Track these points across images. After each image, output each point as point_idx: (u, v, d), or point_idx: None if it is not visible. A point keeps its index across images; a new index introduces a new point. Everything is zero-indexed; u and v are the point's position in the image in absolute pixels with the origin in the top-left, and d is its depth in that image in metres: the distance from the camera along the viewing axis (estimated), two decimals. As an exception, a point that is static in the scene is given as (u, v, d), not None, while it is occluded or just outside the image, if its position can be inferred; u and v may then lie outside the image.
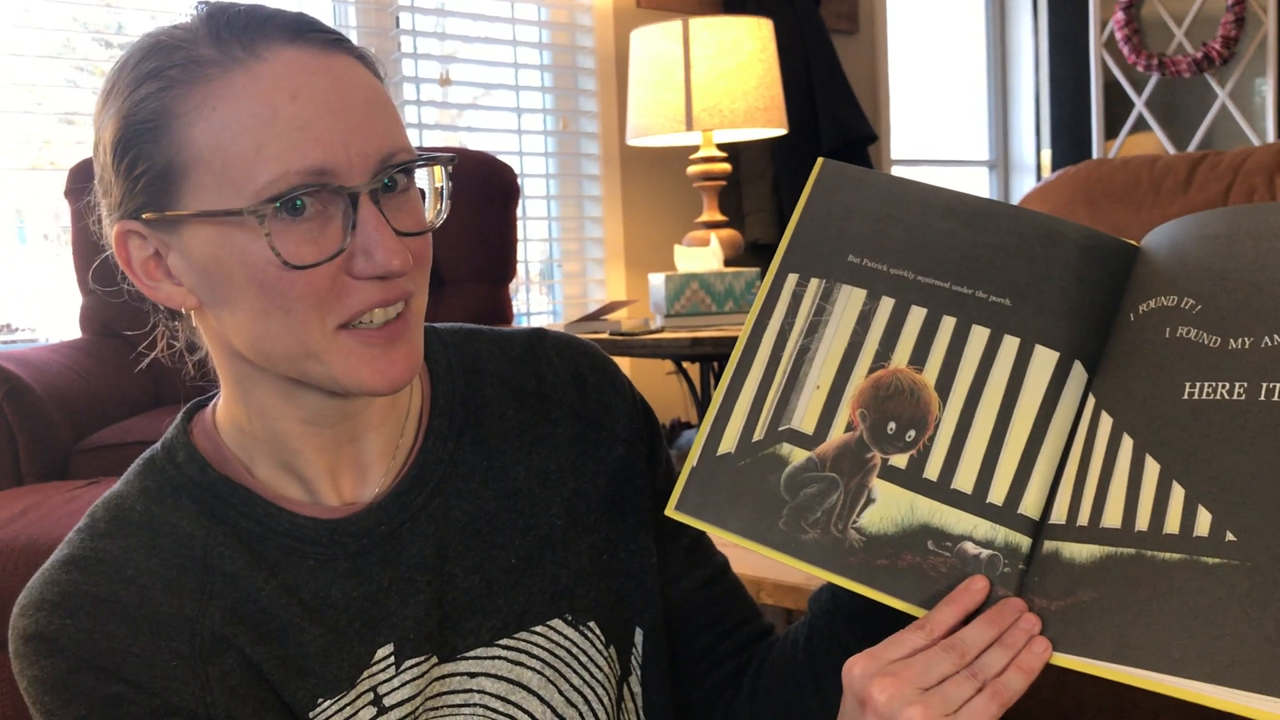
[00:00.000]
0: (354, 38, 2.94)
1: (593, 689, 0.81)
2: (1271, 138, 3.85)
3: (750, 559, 1.03)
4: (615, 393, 0.87)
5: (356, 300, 0.68)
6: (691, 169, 2.86)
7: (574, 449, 0.84)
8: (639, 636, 0.84)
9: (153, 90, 0.68)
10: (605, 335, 2.59)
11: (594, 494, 0.84)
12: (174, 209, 0.68)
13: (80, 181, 2.42)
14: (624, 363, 3.33)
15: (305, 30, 0.69)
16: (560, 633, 0.80)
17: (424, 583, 0.76)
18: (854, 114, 3.31)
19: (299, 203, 0.66)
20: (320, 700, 0.73)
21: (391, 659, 0.75)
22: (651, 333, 2.58)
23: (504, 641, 0.78)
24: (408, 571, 0.76)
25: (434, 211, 0.75)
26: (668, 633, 0.88)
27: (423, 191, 0.75)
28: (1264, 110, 3.93)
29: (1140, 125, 4.13)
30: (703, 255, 2.72)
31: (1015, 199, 4.59)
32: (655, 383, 3.37)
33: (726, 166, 2.87)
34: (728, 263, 2.81)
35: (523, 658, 0.78)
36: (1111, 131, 4.20)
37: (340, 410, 0.75)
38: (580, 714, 0.80)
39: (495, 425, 0.82)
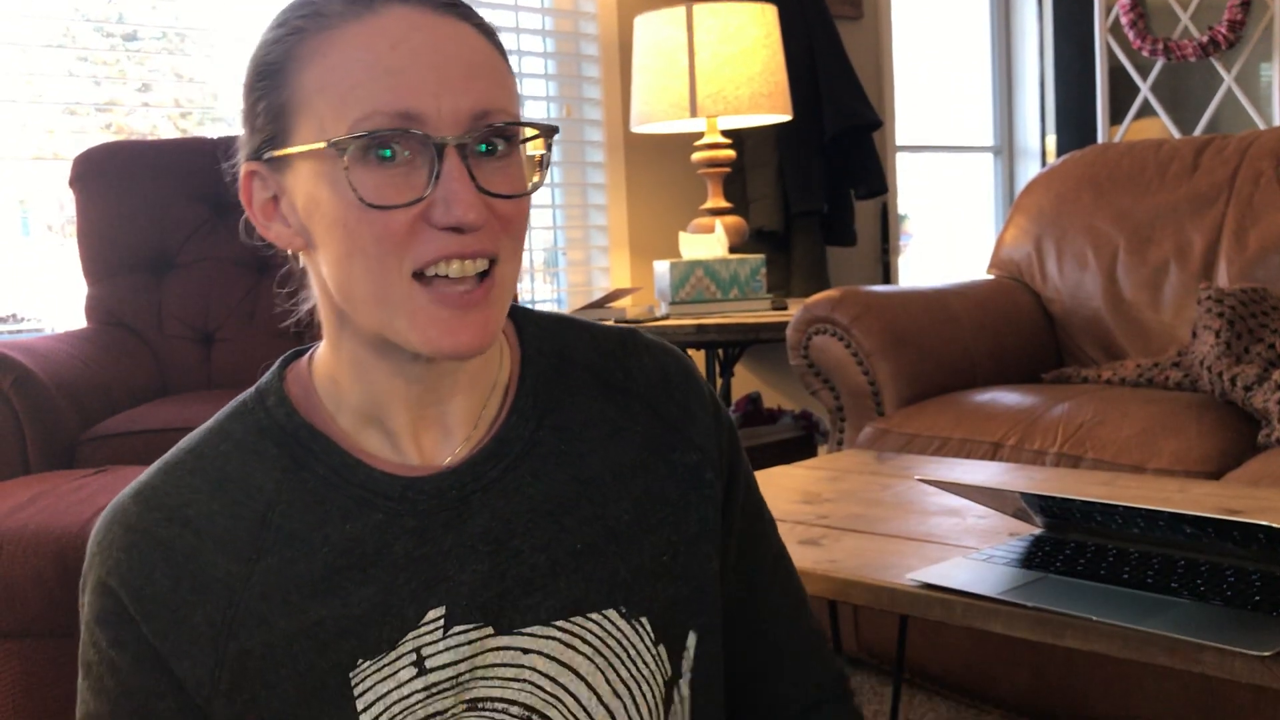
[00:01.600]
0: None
1: (639, 684, 0.82)
2: (1278, 121, 3.83)
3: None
4: (698, 401, 0.88)
5: (431, 247, 0.70)
6: (696, 155, 2.86)
7: (649, 447, 0.85)
8: (692, 639, 0.84)
9: (279, 36, 0.74)
10: (610, 323, 2.58)
11: (662, 495, 0.85)
12: (284, 149, 0.73)
13: (85, 170, 2.42)
14: (629, 350, 3.33)
15: None
16: (614, 623, 0.81)
17: (486, 553, 0.78)
18: (858, 100, 3.30)
19: (388, 151, 0.69)
20: (360, 661, 0.75)
21: (441, 622, 0.76)
22: (656, 320, 2.58)
23: (559, 623, 0.79)
24: (470, 539, 0.78)
25: (530, 181, 0.75)
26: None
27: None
28: (1270, 94, 3.91)
29: (1145, 110, 4.11)
30: (707, 242, 2.72)
31: (1020, 185, 4.58)
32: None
33: (731, 153, 2.86)
34: (732, 249, 2.80)
35: (575, 642, 0.79)
36: (1116, 117, 4.18)
37: (426, 368, 0.76)
38: (624, 706, 0.81)
39: (577, 413, 0.84)
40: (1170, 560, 1.04)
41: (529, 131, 0.75)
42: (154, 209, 2.43)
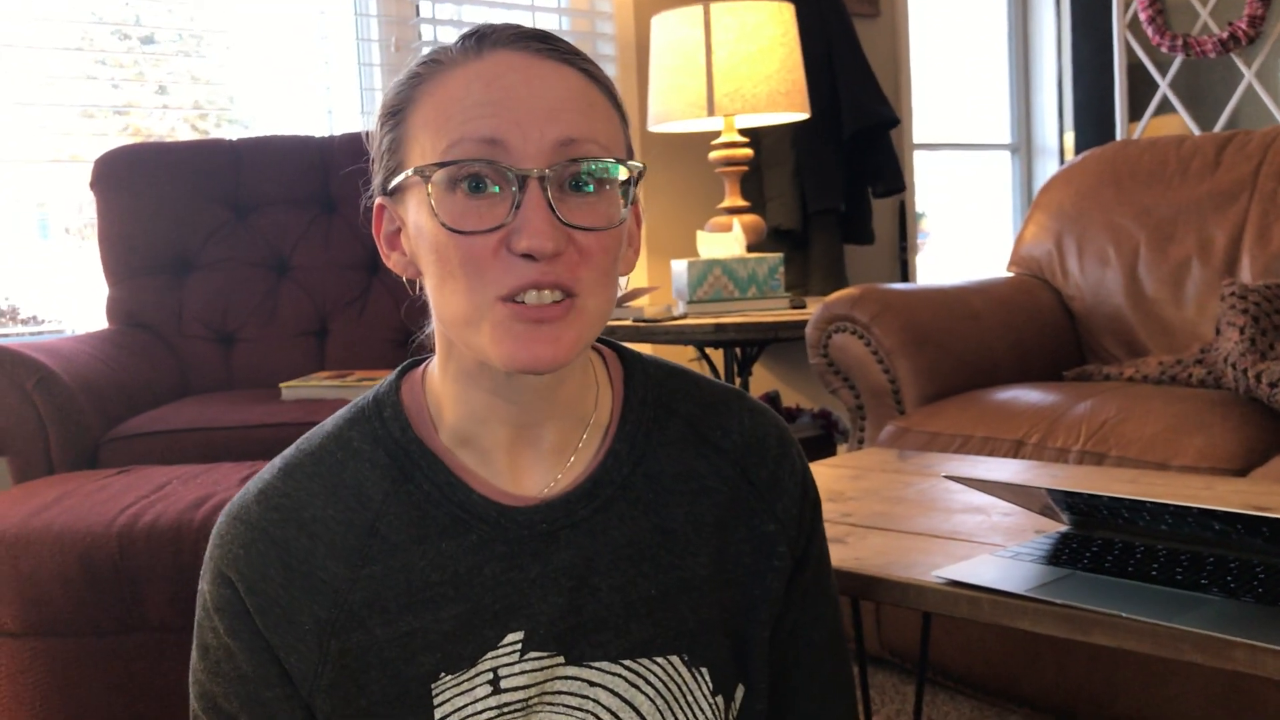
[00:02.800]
0: (373, 26, 2.94)
1: None
2: (1298, 118, 3.81)
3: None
4: (789, 473, 0.91)
5: (512, 276, 0.74)
6: (713, 154, 2.85)
7: (732, 508, 0.88)
8: (740, 691, 0.88)
9: (403, 81, 0.81)
10: (628, 322, 2.59)
11: (737, 557, 0.88)
12: (396, 180, 0.79)
13: (106, 171, 2.43)
14: (645, 349, 3.33)
15: (530, 39, 0.78)
16: (676, 669, 0.85)
17: (567, 586, 0.82)
18: (875, 98, 3.29)
19: (479, 184, 0.74)
20: (443, 674, 0.80)
21: (519, 646, 0.81)
22: (674, 319, 2.58)
23: (626, 662, 0.83)
24: (554, 571, 0.81)
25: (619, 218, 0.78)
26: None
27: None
28: (1290, 90, 3.88)
29: (1164, 107, 4.09)
30: (725, 241, 2.71)
31: (1037, 182, 4.56)
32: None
33: (748, 151, 2.85)
34: (750, 248, 2.80)
35: (639, 681, 0.83)
36: (1135, 114, 4.16)
37: (519, 390, 0.80)
38: None
39: (669, 464, 0.87)
40: (1199, 557, 1.03)
41: (622, 172, 0.77)
42: (174, 210, 2.44)
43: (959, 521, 1.27)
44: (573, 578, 0.82)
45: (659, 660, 0.84)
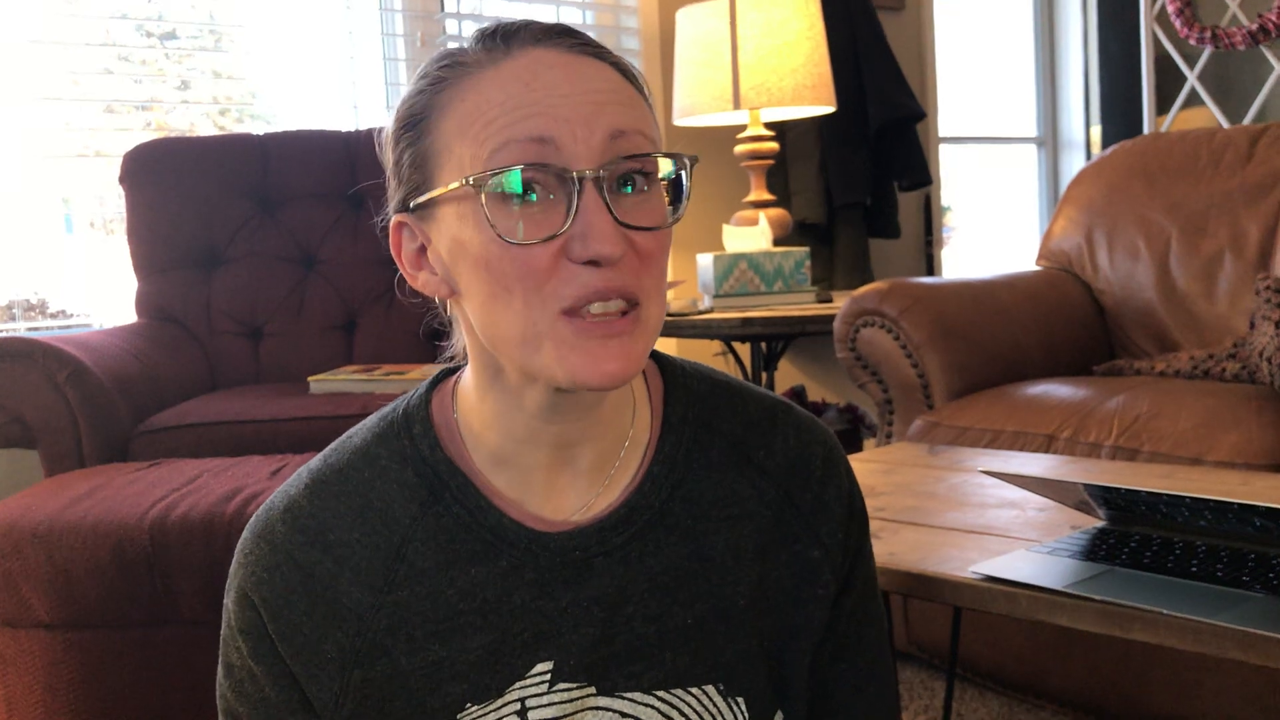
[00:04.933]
0: (398, 21, 2.94)
1: None
2: (1329, 110, 3.76)
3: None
4: (836, 495, 0.87)
5: (574, 287, 0.70)
6: (739, 148, 2.84)
7: (774, 533, 0.84)
8: (778, 717, 0.85)
9: (421, 88, 0.75)
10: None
11: (778, 583, 0.84)
12: (428, 194, 0.74)
13: (134, 166, 2.44)
14: (671, 344, 3.32)
15: (556, 34, 0.74)
16: (711, 700, 0.82)
17: (599, 616, 0.79)
18: (901, 91, 3.27)
19: (531, 192, 0.69)
20: (469, 705, 0.77)
21: (548, 676, 0.78)
22: (700, 313, 2.57)
23: (660, 693, 0.80)
24: (587, 601, 0.78)
25: (669, 212, 0.75)
26: None
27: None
28: (1321, 82, 3.84)
29: (1193, 100, 4.05)
30: (751, 235, 2.70)
31: (1065, 177, 4.53)
32: (704, 363, 3.36)
33: (774, 145, 2.84)
34: (777, 242, 2.79)
35: (673, 713, 0.80)
36: (1163, 107, 4.12)
37: (564, 412, 0.76)
38: None
39: (710, 488, 0.83)
40: (1239, 553, 1.02)
41: (666, 165, 0.74)
42: (202, 205, 2.45)
43: (993, 516, 1.26)
44: (605, 607, 0.78)
45: (693, 691, 0.81)
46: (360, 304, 2.47)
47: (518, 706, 0.78)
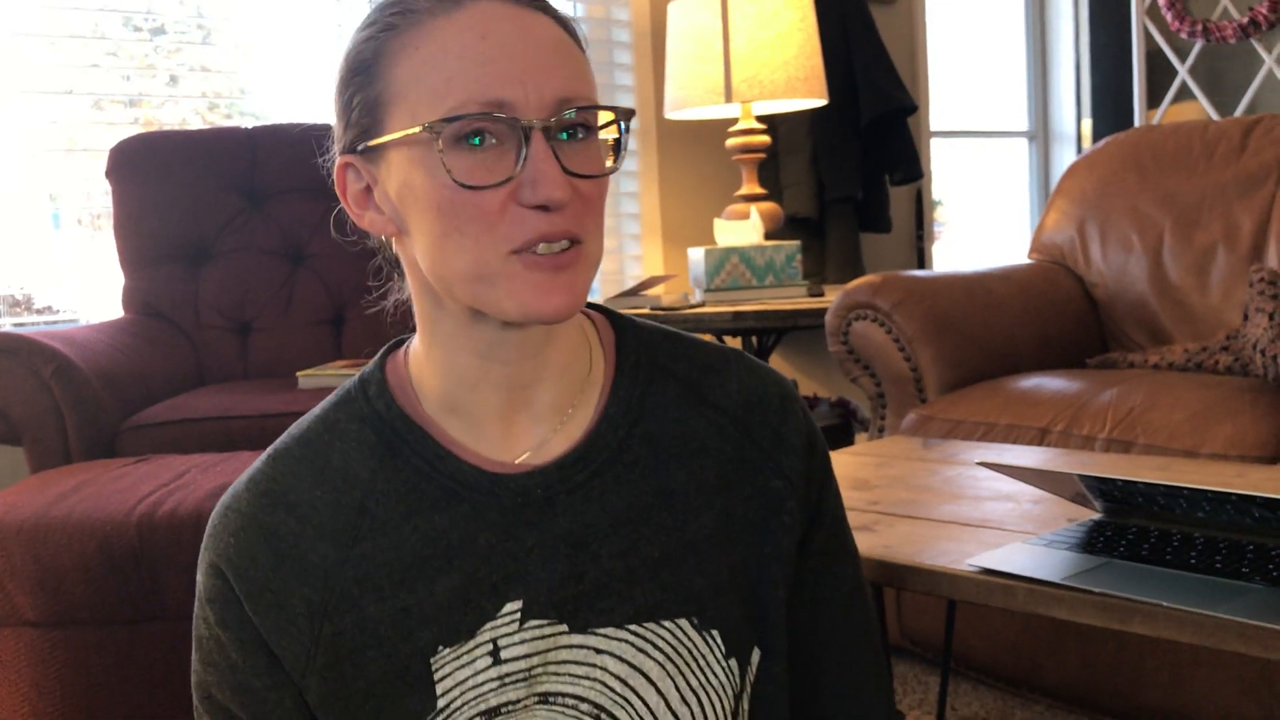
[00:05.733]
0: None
1: (708, 693, 0.83)
2: (1319, 103, 3.77)
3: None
4: (794, 430, 0.88)
5: (524, 229, 0.74)
6: (730, 141, 2.83)
7: (735, 466, 0.86)
8: (756, 655, 0.86)
9: (372, 34, 0.77)
10: (645, 310, 2.57)
11: (743, 516, 0.86)
12: (379, 138, 0.76)
13: (122, 161, 2.42)
14: (663, 339, 3.31)
15: None
16: (685, 633, 0.83)
17: (566, 554, 0.80)
18: (893, 84, 3.26)
19: (478, 138, 0.73)
20: (441, 648, 0.79)
21: (517, 615, 0.79)
22: (692, 307, 2.56)
23: (632, 627, 0.81)
24: (552, 539, 0.80)
25: (608, 162, 0.79)
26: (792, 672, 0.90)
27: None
28: (1311, 76, 3.84)
29: (1183, 94, 4.05)
30: (742, 229, 2.69)
31: (1055, 170, 4.53)
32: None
33: (766, 139, 2.83)
34: (768, 236, 2.78)
35: (647, 647, 0.82)
36: (1154, 100, 4.12)
37: (517, 348, 0.79)
38: (691, 713, 0.82)
39: (667, 426, 0.85)
40: (1238, 545, 1.01)
41: (605, 116, 0.78)
42: (190, 200, 2.44)
43: (989, 509, 1.26)
44: (571, 544, 0.80)
45: (666, 624, 0.82)
46: (348, 298, 2.45)
47: (490, 647, 0.79)
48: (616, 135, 0.79)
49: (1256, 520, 1.01)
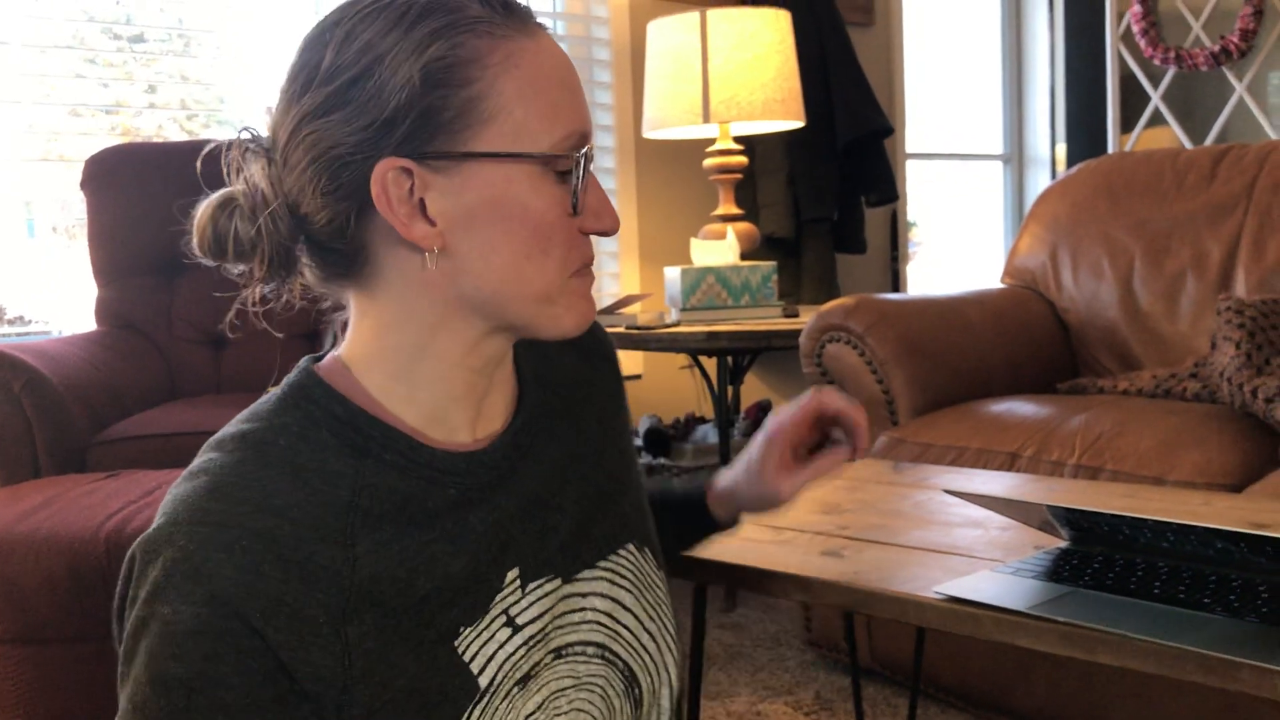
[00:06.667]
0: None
1: (662, 606, 0.92)
2: (1289, 132, 3.82)
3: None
4: (611, 341, 1.02)
5: (583, 252, 0.81)
6: (708, 162, 2.84)
7: (610, 392, 0.97)
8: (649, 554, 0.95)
9: (458, 40, 0.74)
10: (621, 329, 2.57)
11: (624, 431, 0.97)
12: (469, 148, 0.74)
13: (97, 171, 2.41)
14: (639, 356, 3.31)
15: (539, 22, 0.80)
16: (634, 555, 0.91)
17: (539, 514, 0.84)
18: (870, 107, 3.29)
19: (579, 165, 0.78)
20: (462, 629, 0.77)
21: (518, 581, 0.82)
22: (667, 326, 2.56)
23: (601, 564, 0.88)
24: (526, 503, 0.84)
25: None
26: None
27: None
28: (1281, 104, 3.90)
29: (1156, 119, 4.10)
30: (719, 249, 2.70)
31: (1030, 194, 4.57)
32: (670, 377, 3.36)
33: (743, 159, 2.85)
34: (744, 256, 2.79)
35: (615, 578, 0.88)
36: (1127, 125, 4.17)
37: (498, 359, 0.83)
38: (659, 629, 0.90)
39: (562, 375, 0.94)
40: (1201, 575, 1.02)
41: None
42: (165, 211, 2.42)
43: (957, 536, 1.26)
44: (538, 503, 0.85)
45: (621, 553, 0.90)
46: (323, 312, 2.44)
47: (504, 619, 0.80)
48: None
49: (1219, 551, 1.02)
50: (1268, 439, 1.79)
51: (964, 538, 1.25)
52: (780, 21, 2.75)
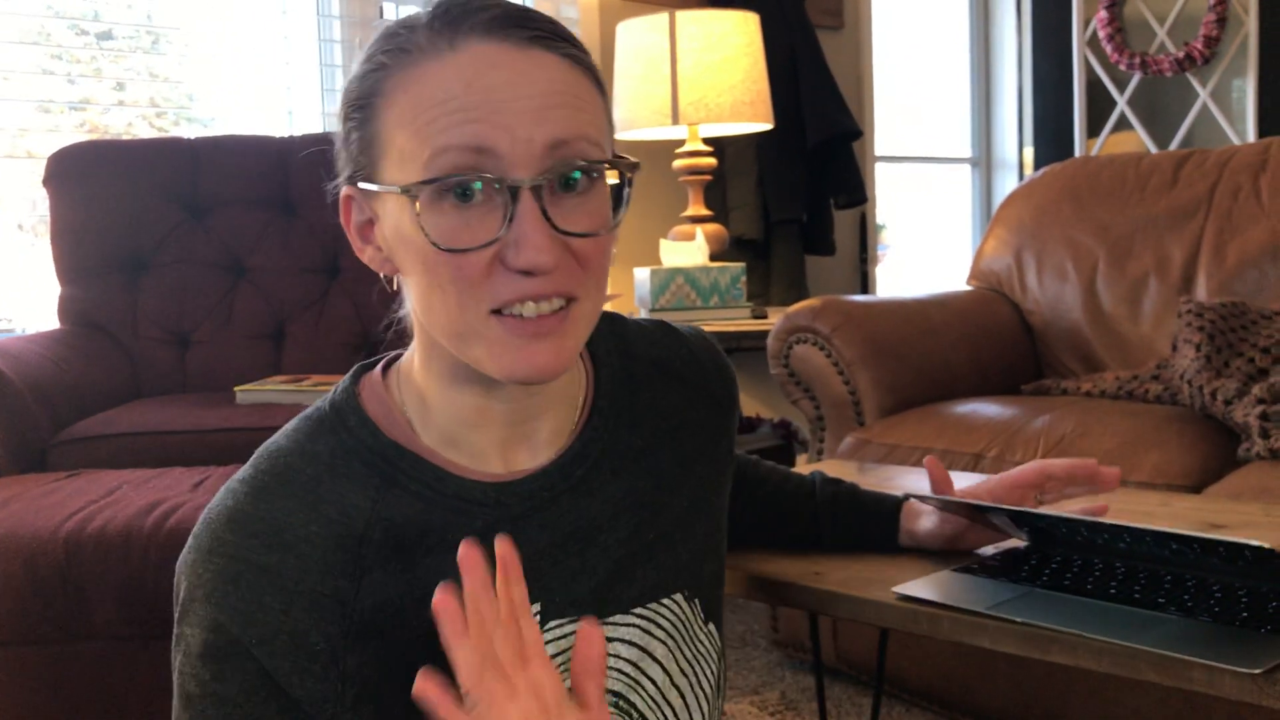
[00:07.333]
0: (336, 26, 2.91)
1: (701, 661, 0.87)
2: (1251, 137, 3.87)
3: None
4: (734, 385, 0.95)
5: (506, 290, 0.71)
6: (677, 163, 2.85)
7: (706, 434, 0.91)
8: (724, 614, 0.91)
9: (368, 70, 0.74)
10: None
11: (712, 480, 0.91)
12: (374, 181, 0.74)
13: (60, 169, 2.39)
14: (607, 357, 3.31)
15: (508, 25, 0.72)
16: (680, 606, 0.86)
17: (576, 550, 0.80)
18: (839, 110, 3.30)
19: (469, 191, 0.69)
20: None
21: (538, 618, 0.79)
22: (636, 327, 2.56)
23: (638, 611, 0.83)
24: (563, 538, 0.80)
25: (611, 217, 0.75)
26: None
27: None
28: (1244, 110, 3.94)
29: (1122, 124, 4.14)
30: (688, 250, 2.71)
31: (997, 196, 4.60)
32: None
33: (712, 161, 2.85)
34: (713, 258, 2.79)
35: (652, 628, 0.83)
36: (1094, 130, 4.21)
37: (510, 391, 0.78)
38: (690, 685, 0.85)
39: (649, 407, 0.88)
40: (1157, 575, 1.04)
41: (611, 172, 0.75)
42: (129, 209, 2.40)
43: (918, 536, 1.27)
44: (580, 540, 0.80)
45: (665, 602, 0.84)
46: (290, 313, 2.43)
47: None
48: (618, 183, 0.76)
49: (1174, 552, 1.03)
50: (1226, 440, 1.82)
51: (925, 538, 1.26)
52: (749, 24, 2.76)
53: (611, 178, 0.75)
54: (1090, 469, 1.06)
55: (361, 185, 0.75)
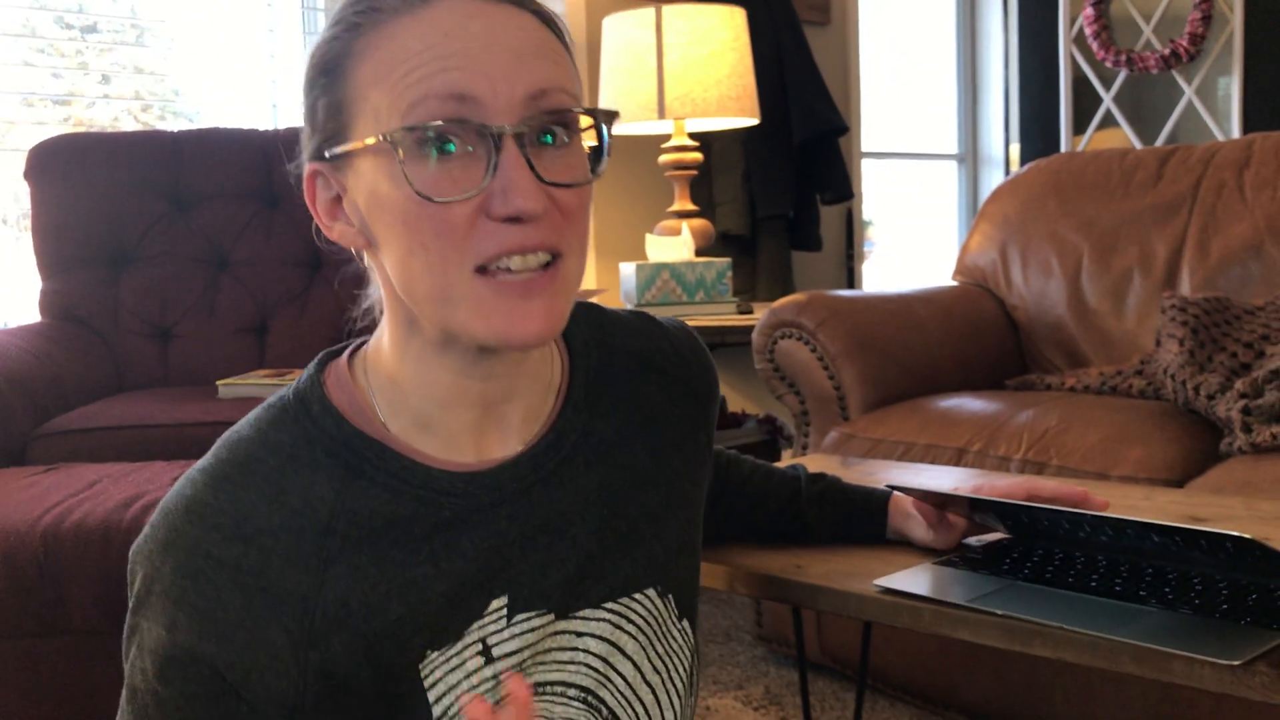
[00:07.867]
0: (321, 20, 2.90)
1: (672, 658, 0.86)
2: (1236, 134, 3.88)
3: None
4: (714, 379, 0.94)
5: (493, 243, 0.69)
6: (663, 158, 2.84)
7: (683, 428, 0.90)
8: (698, 610, 0.90)
9: (336, 34, 0.72)
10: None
11: (689, 473, 0.90)
12: (344, 146, 0.71)
13: (41, 162, 2.37)
14: (593, 352, 3.30)
15: None
16: (652, 602, 0.85)
17: (545, 542, 0.79)
18: (825, 105, 3.30)
19: (450, 145, 0.68)
20: (429, 652, 0.75)
21: (504, 611, 0.77)
22: (622, 322, 2.56)
23: (609, 605, 0.82)
24: (532, 530, 0.78)
25: (590, 167, 0.75)
26: None
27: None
28: (1229, 107, 3.95)
29: (1108, 121, 4.15)
30: (674, 245, 2.70)
31: (983, 193, 4.61)
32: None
33: (698, 156, 2.85)
34: (699, 252, 2.79)
35: (623, 622, 0.82)
36: (1080, 127, 4.21)
37: (489, 368, 0.76)
38: (662, 681, 0.85)
39: (625, 399, 0.86)
40: (1138, 568, 1.04)
41: (586, 120, 0.73)
42: (112, 202, 2.39)
43: (901, 530, 1.27)
44: (550, 533, 0.79)
45: (637, 596, 0.83)
46: (273, 307, 2.42)
47: (479, 646, 0.76)
48: (596, 142, 0.75)
49: (1155, 545, 1.03)
50: (1209, 435, 1.82)
51: (908, 532, 1.26)
52: (735, 18, 2.76)
53: (589, 139, 0.75)
54: (1079, 496, 1.05)
55: (331, 152, 0.72)
